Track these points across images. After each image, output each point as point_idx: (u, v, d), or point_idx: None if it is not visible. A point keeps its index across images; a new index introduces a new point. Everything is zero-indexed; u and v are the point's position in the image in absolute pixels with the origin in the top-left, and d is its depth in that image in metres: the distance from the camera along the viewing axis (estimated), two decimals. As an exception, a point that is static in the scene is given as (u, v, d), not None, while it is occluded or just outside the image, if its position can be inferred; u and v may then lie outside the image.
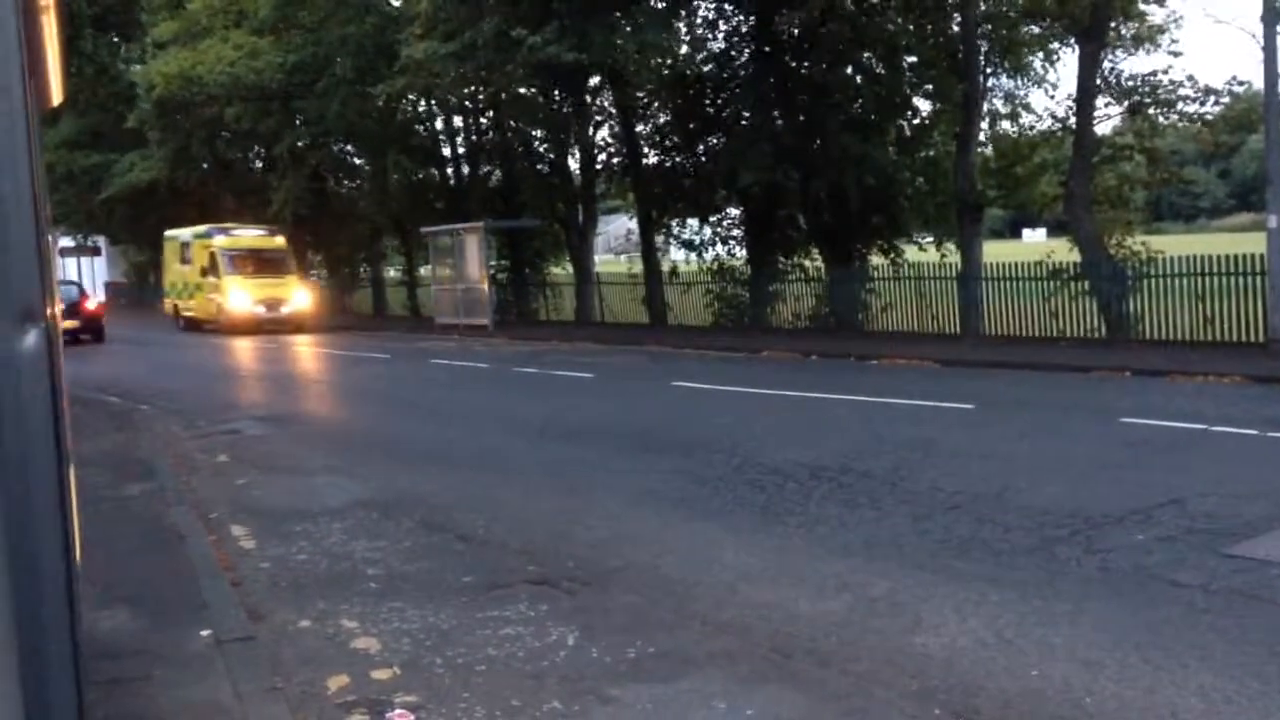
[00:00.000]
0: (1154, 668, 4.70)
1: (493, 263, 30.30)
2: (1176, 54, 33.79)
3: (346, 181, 38.66)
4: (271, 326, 29.79)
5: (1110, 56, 20.88)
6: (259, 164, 40.57)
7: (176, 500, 8.83)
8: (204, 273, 31.50)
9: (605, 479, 9.31)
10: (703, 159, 26.63)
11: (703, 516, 7.84)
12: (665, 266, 28.57)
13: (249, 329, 29.44)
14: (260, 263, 31.43)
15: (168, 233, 35.87)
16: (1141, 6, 21.16)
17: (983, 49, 22.49)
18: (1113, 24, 20.05)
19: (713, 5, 25.69)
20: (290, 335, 28.65)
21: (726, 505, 8.14)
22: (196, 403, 15.88)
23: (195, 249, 32.52)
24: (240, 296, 30.31)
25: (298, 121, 33.29)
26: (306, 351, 24.90)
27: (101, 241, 52.91)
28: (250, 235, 32.35)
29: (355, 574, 6.74)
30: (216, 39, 33.17)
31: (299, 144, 34.09)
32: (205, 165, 38.54)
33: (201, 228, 32.90)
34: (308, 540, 7.63)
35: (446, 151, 35.41)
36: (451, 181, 34.96)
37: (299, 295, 31.21)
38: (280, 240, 32.44)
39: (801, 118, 24.07)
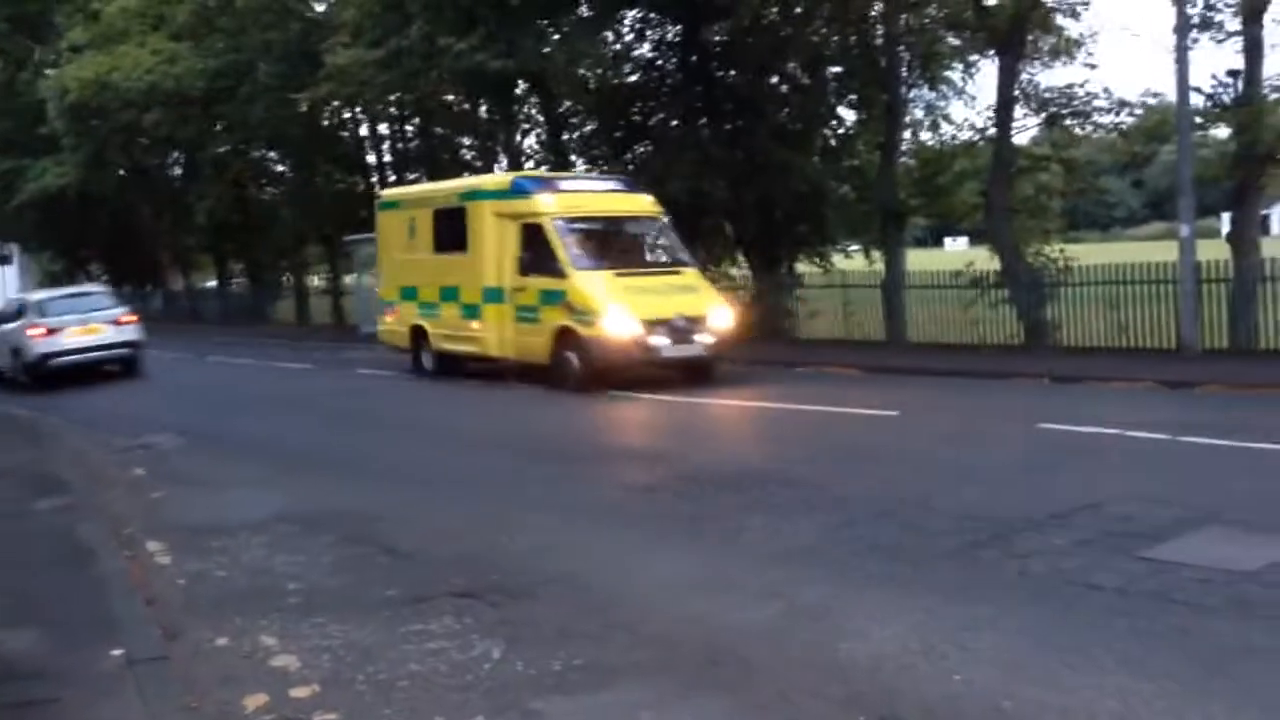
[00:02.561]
0: (1073, 670, 4.77)
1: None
2: (1093, 66, 34.53)
3: (269, 188, 38.04)
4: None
5: (1028, 69, 21.32)
6: (178, 170, 39.82)
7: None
8: (523, 268, 16.33)
9: (533, 490, 9.24)
10: (630, 167, 26.67)
11: (630, 526, 7.82)
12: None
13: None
14: (629, 246, 17.33)
15: (388, 193, 21.87)
16: (1059, 20, 21.63)
17: (905, 60, 22.84)
18: (1030, 37, 20.45)
19: (640, 15, 25.75)
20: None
21: (654, 515, 8.12)
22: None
23: (481, 220, 17.04)
24: (621, 315, 15.20)
25: (218, 128, 32.65)
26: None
27: (13, 249, 51.54)
28: (601, 190, 17.78)
29: (275, 589, 6.61)
30: (133, 44, 32.49)
31: (220, 150, 33.45)
32: (121, 171, 37.69)
33: (501, 178, 19.17)
34: (226, 555, 7.46)
35: (372, 159, 35.01)
36: (377, 189, 34.59)
37: (717, 311, 16.20)
38: (648, 201, 17.58)
39: (728, 127, 24.22)
